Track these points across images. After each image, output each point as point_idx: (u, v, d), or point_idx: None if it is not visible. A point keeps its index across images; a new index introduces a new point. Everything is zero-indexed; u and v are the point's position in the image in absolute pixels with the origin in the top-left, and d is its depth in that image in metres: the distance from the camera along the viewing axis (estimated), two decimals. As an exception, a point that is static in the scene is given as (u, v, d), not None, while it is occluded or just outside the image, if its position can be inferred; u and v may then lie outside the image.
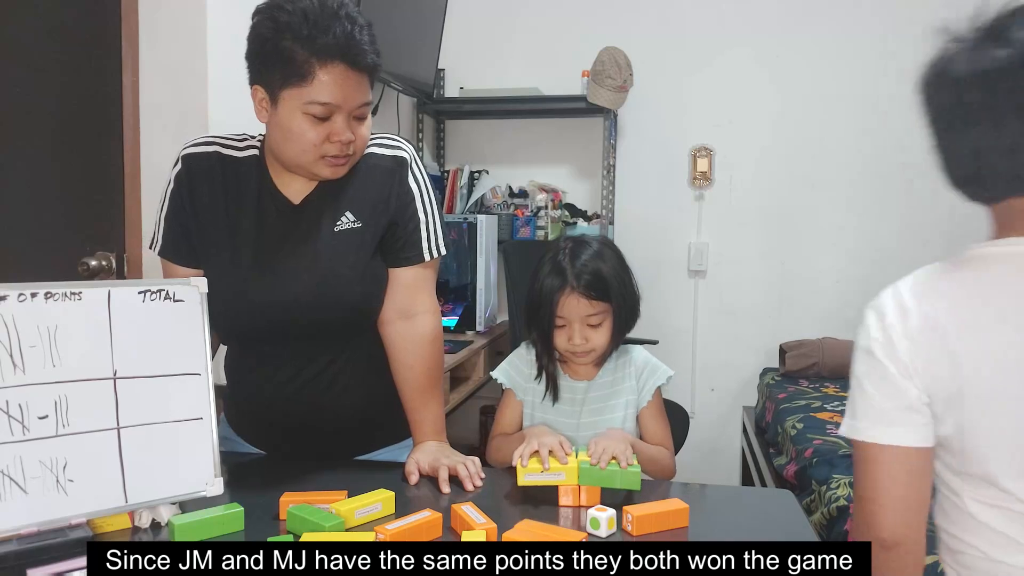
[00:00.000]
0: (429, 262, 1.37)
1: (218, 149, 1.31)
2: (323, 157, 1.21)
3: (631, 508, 1.11)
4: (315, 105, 1.17)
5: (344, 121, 1.20)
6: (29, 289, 1.00)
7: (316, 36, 1.14)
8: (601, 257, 1.42)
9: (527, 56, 3.43)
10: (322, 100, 1.17)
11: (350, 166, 1.27)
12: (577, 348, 1.40)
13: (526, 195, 3.39)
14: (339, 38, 1.15)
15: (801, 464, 2.23)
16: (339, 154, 1.22)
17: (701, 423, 3.35)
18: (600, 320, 1.40)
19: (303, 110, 1.17)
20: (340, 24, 1.15)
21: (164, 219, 1.32)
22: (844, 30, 3.20)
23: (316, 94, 1.16)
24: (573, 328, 1.40)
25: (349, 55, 1.16)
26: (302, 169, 1.25)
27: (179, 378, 1.10)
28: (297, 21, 1.14)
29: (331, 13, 1.15)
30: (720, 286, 3.37)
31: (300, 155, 1.21)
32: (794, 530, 1.14)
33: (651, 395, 1.44)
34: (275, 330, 1.30)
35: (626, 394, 1.45)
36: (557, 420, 1.44)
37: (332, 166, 1.23)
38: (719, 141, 3.33)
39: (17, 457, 0.97)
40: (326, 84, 1.16)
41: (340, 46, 1.15)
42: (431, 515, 1.07)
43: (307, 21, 1.14)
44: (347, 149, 1.22)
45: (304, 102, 1.17)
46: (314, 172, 1.25)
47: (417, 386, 1.36)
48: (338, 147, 1.21)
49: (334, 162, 1.23)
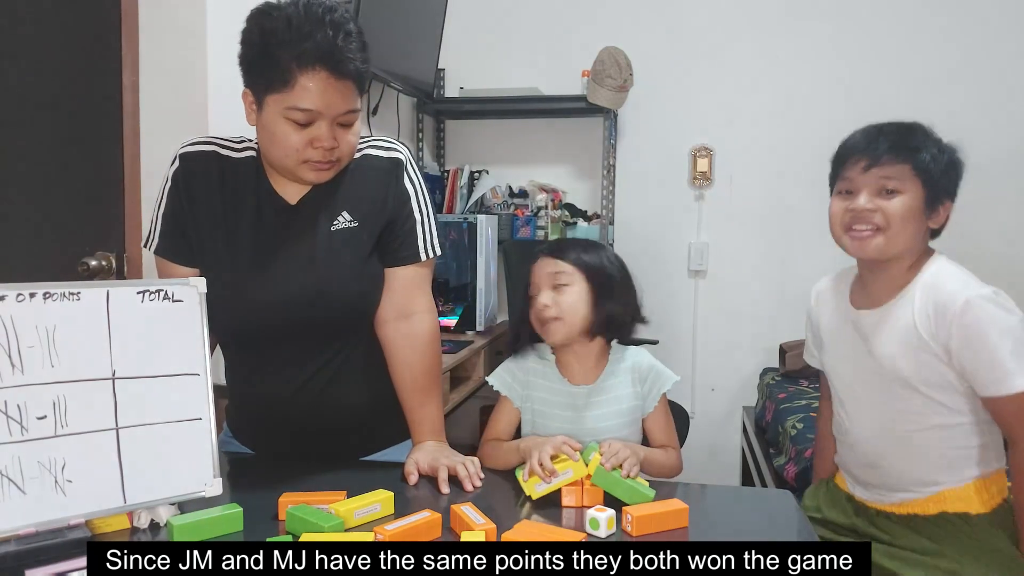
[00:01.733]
0: (425, 262, 1.37)
1: (216, 149, 1.31)
2: (306, 162, 1.21)
3: (631, 508, 1.11)
4: (296, 111, 1.16)
5: (328, 127, 1.19)
6: (28, 289, 1.00)
7: (297, 42, 1.13)
8: (585, 243, 1.44)
9: (527, 56, 3.42)
10: (303, 106, 1.16)
11: (335, 171, 1.26)
12: (543, 312, 1.36)
13: (526, 195, 3.39)
14: (320, 44, 1.14)
15: (801, 465, 2.23)
16: (321, 160, 1.21)
17: (701, 423, 3.35)
18: (567, 280, 1.37)
19: (284, 115, 1.17)
20: (323, 30, 1.14)
21: (160, 217, 1.31)
22: (844, 30, 3.20)
23: (297, 100, 1.16)
24: (540, 292, 1.38)
25: (331, 62, 1.15)
26: (287, 172, 1.25)
27: (178, 378, 1.10)
28: (281, 27, 1.14)
29: (315, 19, 1.14)
30: (720, 286, 3.36)
31: (283, 159, 1.22)
32: (794, 530, 1.14)
33: (657, 401, 1.41)
34: (272, 329, 1.30)
35: (629, 400, 1.41)
36: (560, 428, 1.40)
37: (316, 171, 1.23)
38: (719, 141, 3.33)
39: (16, 457, 0.97)
40: (307, 91, 1.15)
41: (322, 53, 1.14)
42: (430, 515, 1.06)
43: (290, 27, 1.14)
44: (330, 155, 1.21)
45: (285, 107, 1.16)
46: (298, 176, 1.25)
47: (415, 386, 1.36)
48: (320, 153, 1.20)
49: (317, 167, 1.22)
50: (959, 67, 3.12)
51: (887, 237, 1.31)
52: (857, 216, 1.32)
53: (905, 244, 1.33)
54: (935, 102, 3.12)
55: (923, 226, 1.34)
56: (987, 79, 3.11)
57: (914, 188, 1.31)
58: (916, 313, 1.31)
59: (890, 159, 1.31)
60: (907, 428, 1.36)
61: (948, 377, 1.31)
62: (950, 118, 3.35)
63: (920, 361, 1.31)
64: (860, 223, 1.32)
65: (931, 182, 1.31)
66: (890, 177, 1.30)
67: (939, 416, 1.33)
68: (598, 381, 1.42)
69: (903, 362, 1.33)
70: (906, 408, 1.36)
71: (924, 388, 1.33)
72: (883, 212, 1.30)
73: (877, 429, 1.41)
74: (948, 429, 1.34)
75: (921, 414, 1.35)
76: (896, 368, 1.34)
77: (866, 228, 1.32)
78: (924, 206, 1.32)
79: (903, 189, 1.31)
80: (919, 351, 1.31)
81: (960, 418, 1.33)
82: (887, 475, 1.41)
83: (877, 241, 1.32)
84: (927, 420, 1.34)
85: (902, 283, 1.35)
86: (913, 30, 3.15)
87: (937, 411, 1.33)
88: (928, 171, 1.30)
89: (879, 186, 1.31)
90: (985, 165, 3.07)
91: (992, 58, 3.10)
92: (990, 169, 3.06)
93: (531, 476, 1.21)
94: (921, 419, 1.35)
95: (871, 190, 1.32)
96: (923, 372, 1.32)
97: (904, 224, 1.30)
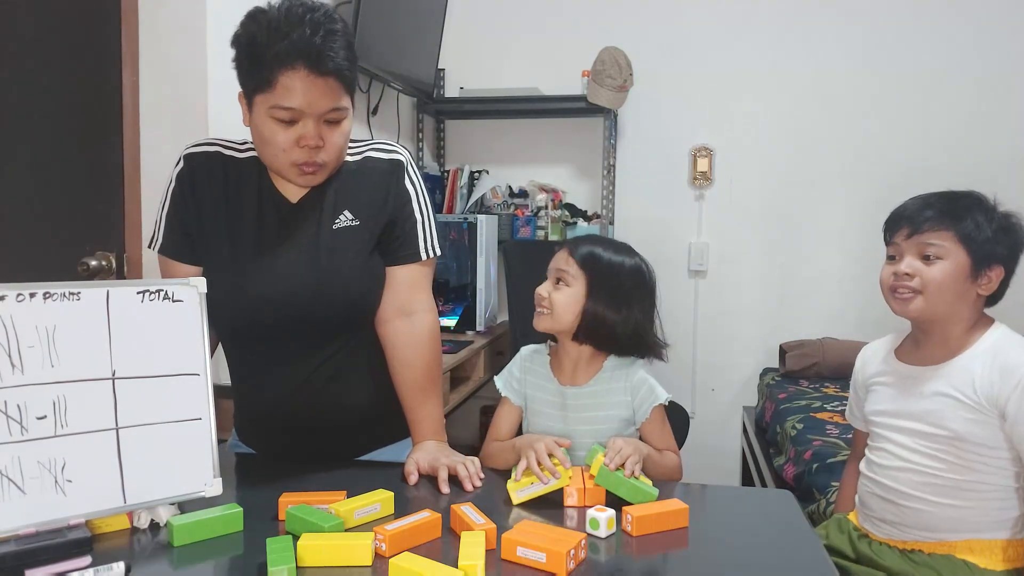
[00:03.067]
0: (426, 261, 1.38)
1: (220, 149, 1.33)
2: (294, 164, 1.22)
3: (631, 508, 1.11)
4: (279, 110, 1.18)
5: (313, 126, 1.20)
6: (28, 289, 1.00)
7: (275, 42, 1.15)
8: (613, 245, 1.46)
9: (527, 56, 3.42)
10: (285, 105, 1.18)
11: (324, 176, 1.27)
12: (536, 301, 1.42)
13: (526, 195, 3.39)
14: (297, 43, 1.15)
15: (800, 468, 2.23)
16: (307, 160, 1.22)
17: (701, 423, 3.35)
18: (569, 279, 1.40)
19: (270, 115, 1.19)
20: (301, 29, 1.16)
21: (165, 217, 1.33)
22: (844, 30, 3.19)
23: (279, 99, 1.18)
24: (545, 281, 1.44)
25: (310, 59, 1.16)
26: (281, 173, 1.27)
27: (178, 378, 1.10)
28: (263, 29, 1.17)
29: (295, 19, 1.16)
30: (720, 286, 3.37)
31: (273, 159, 1.24)
32: (794, 530, 1.14)
33: (647, 415, 1.41)
34: (274, 326, 1.30)
35: (618, 408, 1.41)
36: (547, 425, 1.42)
37: (303, 174, 1.24)
38: (719, 141, 3.33)
39: (15, 457, 0.97)
40: (288, 89, 1.17)
41: (299, 51, 1.15)
42: (430, 515, 1.06)
43: (270, 28, 1.16)
44: (315, 155, 1.22)
45: (269, 107, 1.19)
46: (289, 178, 1.26)
47: (416, 385, 1.37)
48: (306, 152, 1.21)
49: (304, 169, 1.23)
50: (960, 67, 3.12)
51: (925, 299, 1.37)
52: (899, 279, 1.39)
53: (946, 307, 1.37)
54: (935, 102, 3.13)
55: (968, 291, 1.37)
56: (987, 79, 3.10)
57: (956, 254, 1.35)
58: (977, 377, 1.33)
59: (932, 226, 1.36)
60: (948, 478, 1.36)
61: (999, 439, 1.32)
62: (950, 118, 3.37)
63: (970, 419, 1.33)
64: (901, 286, 1.38)
65: (975, 248, 1.35)
66: (931, 243, 1.36)
67: (981, 475, 1.34)
68: (587, 385, 1.42)
69: (954, 419, 1.34)
70: (948, 460, 1.35)
71: (971, 444, 1.33)
72: (921, 276, 1.36)
73: (912, 473, 1.39)
74: (988, 490, 1.34)
75: (964, 467, 1.34)
76: (944, 422, 1.35)
77: (907, 291, 1.38)
78: (969, 271, 1.36)
79: (944, 255, 1.36)
80: (975, 411, 1.33)
81: (1002, 481, 1.34)
82: (907, 515, 1.40)
83: (916, 303, 1.37)
84: (967, 475, 1.34)
85: (957, 347, 1.38)
86: (914, 30, 3.15)
87: (980, 468, 1.34)
88: (971, 238, 1.34)
89: (920, 252, 1.37)
90: (985, 165, 3.09)
91: (992, 58, 3.10)
92: (990, 169, 3.06)
93: (523, 476, 1.21)
94: (963, 471, 1.35)
95: (913, 255, 1.38)
96: (972, 428, 1.33)
97: (941, 288, 1.35)
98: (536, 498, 1.19)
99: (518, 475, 1.22)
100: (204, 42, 1.90)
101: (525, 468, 1.22)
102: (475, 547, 0.96)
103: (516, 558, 0.99)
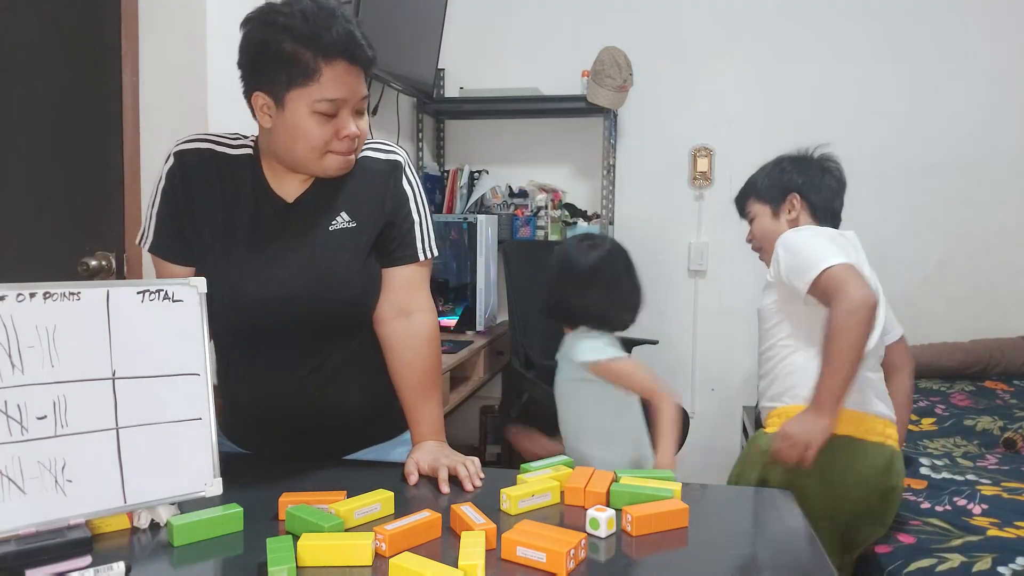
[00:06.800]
0: (424, 262, 1.38)
1: (211, 146, 1.31)
2: (330, 153, 1.24)
3: (631, 508, 1.11)
4: (324, 102, 1.19)
5: (349, 116, 1.23)
6: (28, 289, 0.99)
7: (319, 35, 1.17)
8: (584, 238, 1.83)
9: (527, 56, 3.42)
10: (330, 96, 1.19)
11: (354, 161, 1.29)
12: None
13: (526, 195, 3.39)
14: (341, 35, 1.18)
15: (801, 464, 2.23)
16: (347, 150, 1.25)
17: (701, 423, 3.35)
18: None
19: (312, 108, 1.20)
20: (339, 23, 1.18)
21: (155, 215, 1.31)
22: (844, 29, 3.20)
23: (324, 91, 1.19)
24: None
25: (350, 51, 1.19)
26: (309, 168, 1.26)
27: (178, 378, 1.10)
28: (297, 23, 1.17)
29: (329, 13, 1.19)
30: (720, 286, 3.37)
31: (309, 153, 1.23)
32: (794, 530, 1.14)
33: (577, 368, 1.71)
34: (270, 327, 1.30)
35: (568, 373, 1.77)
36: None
37: (343, 159, 1.26)
38: (719, 141, 3.33)
39: (16, 457, 0.97)
40: (332, 81, 1.19)
41: (343, 43, 1.18)
42: (430, 515, 1.06)
43: (307, 21, 1.17)
44: (353, 144, 1.25)
45: (313, 100, 1.19)
46: (323, 168, 1.26)
47: (415, 385, 1.36)
48: (346, 143, 1.24)
49: (343, 155, 1.25)
50: (959, 67, 3.12)
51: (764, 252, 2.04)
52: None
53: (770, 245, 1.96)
54: (935, 102, 3.13)
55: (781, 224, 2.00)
56: (987, 79, 3.11)
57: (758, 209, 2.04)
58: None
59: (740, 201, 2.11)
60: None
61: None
62: (950, 118, 3.37)
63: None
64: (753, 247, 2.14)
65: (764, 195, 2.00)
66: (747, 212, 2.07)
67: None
68: (557, 358, 1.80)
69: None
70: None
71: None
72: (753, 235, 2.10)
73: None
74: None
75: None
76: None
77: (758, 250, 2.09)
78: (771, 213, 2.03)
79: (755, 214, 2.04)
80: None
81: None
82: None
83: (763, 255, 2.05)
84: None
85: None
86: (913, 30, 3.15)
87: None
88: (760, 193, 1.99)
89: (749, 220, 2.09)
90: (985, 165, 3.09)
91: (992, 58, 3.10)
92: (990, 169, 3.06)
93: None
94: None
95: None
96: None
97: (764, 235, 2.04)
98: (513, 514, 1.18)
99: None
100: (204, 42, 1.90)
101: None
102: (475, 547, 0.96)
103: (516, 558, 0.99)
